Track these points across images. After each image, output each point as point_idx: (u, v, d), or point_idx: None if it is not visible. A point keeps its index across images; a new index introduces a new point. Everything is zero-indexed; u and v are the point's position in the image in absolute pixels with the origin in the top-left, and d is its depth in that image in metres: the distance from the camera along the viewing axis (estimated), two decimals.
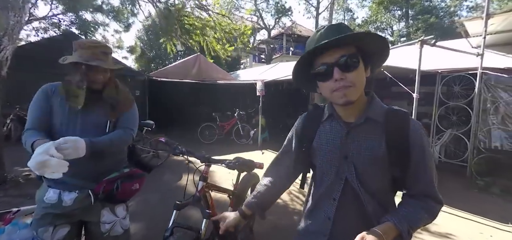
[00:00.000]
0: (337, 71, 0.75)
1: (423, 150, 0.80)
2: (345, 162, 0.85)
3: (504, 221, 2.94)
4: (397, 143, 0.79)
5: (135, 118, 1.48)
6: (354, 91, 0.77)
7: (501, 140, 4.20)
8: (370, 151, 0.82)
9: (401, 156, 0.80)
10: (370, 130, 0.83)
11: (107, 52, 1.31)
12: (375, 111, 0.84)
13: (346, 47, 0.76)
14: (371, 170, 0.82)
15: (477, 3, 18.44)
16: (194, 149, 1.57)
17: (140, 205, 3.10)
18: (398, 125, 0.81)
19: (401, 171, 0.82)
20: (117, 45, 10.84)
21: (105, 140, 1.27)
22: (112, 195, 1.32)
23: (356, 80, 0.77)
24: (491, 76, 4.24)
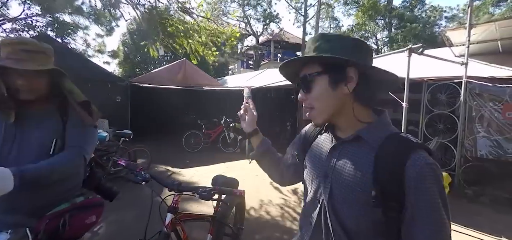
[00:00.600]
0: (300, 92, 0.74)
1: (422, 194, 0.57)
2: (324, 182, 0.71)
3: (496, 234, 2.88)
4: (386, 176, 0.60)
5: (90, 135, 1.21)
6: (315, 113, 0.72)
7: (486, 148, 4.22)
8: (352, 176, 0.65)
9: (389, 195, 0.59)
10: (358, 152, 0.68)
11: (33, 50, 1.04)
12: (371, 132, 0.67)
13: (310, 65, 0.71)
14: (349, 200, 0.65)
15: (454, 13, 19.41)
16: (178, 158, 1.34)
17: (110, 227, 2.78)
18: (393, 154, 0.61)
19: (392, 216, 0.60)
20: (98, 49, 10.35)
21: (42, 167, 1.01)
22: (57, 233, 1.07)
23: (315, 101, 0.71)
24: (475, 85, 4.28)
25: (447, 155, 5.09)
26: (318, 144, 0.82)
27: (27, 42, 1.07)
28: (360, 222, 0.64)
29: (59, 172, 1.07)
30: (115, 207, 3.04)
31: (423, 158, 0.59)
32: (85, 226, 1.17)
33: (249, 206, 3.37)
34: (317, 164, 0.77)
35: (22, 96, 1.05)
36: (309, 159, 0.83)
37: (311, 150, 0.84)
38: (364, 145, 0.67)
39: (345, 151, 0.70)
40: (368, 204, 0.61)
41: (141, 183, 1.24)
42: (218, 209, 1.70)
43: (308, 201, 0.79)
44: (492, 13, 16.19)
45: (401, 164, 0.59)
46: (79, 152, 1.12)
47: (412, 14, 19.34)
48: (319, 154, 0.79)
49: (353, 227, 0.65)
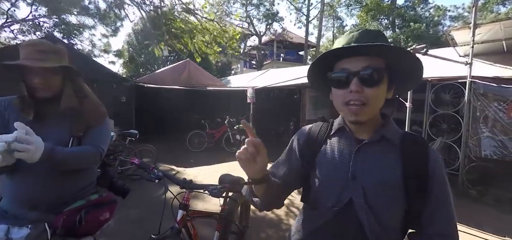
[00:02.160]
0: (356, 83, 0.65)
1: (445, 184, 0.70)
2: (353, 183, 0.71)
3: (501, 234, 2.88)
4: (415, 171, 0.68)
5: (105, 134, 1.27)
6: (367, 111, 0.68)
7: (490, 148, 4.21)
8: (383, 174, 0.69)
9: (419, 187, 0.68)
10: (385, 151, 0.71)
11: (47, 50, 1.09)
12: (391, 132, 0.73)
13: (374, 59, 0.66)
14: (383, 197, 0.69)
15: (459, 13, 19.24)
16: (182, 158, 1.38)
17: (119, 224, 2.84)
18: (416, 151, 0.70)
19: (418, 206, 0.68)
20: (104, 49, 10.46)
21: (68, 151, 1.08)
22: (74, 228, 1.12)
23: (373, 99, 0.67)
24: (479, 85, 4.27)
25: (451, 155, 5.08)
26: (332, 147, 0.79)
27: (42, 43, 1.13)
28: (393, 216, 0.70)
29: (80, 160, 1.13)
30: (124, 205, 3.11)
31: (436, 153, 0.71)
32: (99, 222, 1.23)
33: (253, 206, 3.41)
34: (339, 167, 0.75)
35: (39, 94, 1.10)
36: (325, 163, 0.78)
37: (325, 155, 0.79)
38: (387, 144, 0.72)
39: (371, 152, 0.72)
40: (400, 199, 0.68)
41: (155, 181, 1.29)
42: (225, 207, 1.74)
43: (326, 204, 0.75)
44: (498, 12, 16.04)
45: (425, 160, 0.68)
46: (97, 149, 1.17)
47: (416, 13, 19.21)
48: (339, 157, 0.76)
49: (387, 222, 0.70)
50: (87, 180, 1.26)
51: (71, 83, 1.16)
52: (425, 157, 0.69)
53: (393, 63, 0.68)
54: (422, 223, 0.71)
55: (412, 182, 0.67)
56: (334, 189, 0.74)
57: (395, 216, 0.71)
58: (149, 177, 1.29)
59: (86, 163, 1.18)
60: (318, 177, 0.79)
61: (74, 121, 1.15)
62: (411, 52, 0.64)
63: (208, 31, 4.86)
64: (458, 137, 4.60)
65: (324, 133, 0.83)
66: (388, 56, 0.67)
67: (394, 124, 0.76)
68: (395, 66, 0.68)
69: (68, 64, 1.15)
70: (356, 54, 0.66)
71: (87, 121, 1.19)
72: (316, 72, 0.77)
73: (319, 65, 0.74)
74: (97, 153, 1.18)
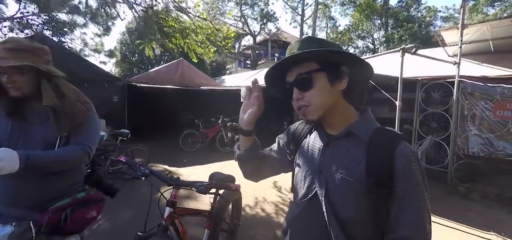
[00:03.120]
0: (295, 91, 0.74)
1: (412, 182, 0.65)
2: (319, 176, 0.75)
3: (486, 229, 2.96)
4: (379, 167, 0.66)
5: (93, 132, 1.24)
6: (312, 110, 0.74)
7: (477, 146, 4.32)
8: (346, 169, 0.71)
9: (382, 183, 0.66)
10: (351, 146, 0.73)
11: (17, 48, 1.06)
12: (361, 127, 0.74)
13: (305, 64, 0.72)
14: (344, 192, 0.70)
15: (450, 13, 19.59)
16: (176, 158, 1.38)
17: (109, 224, 2.82)
18: (383, 146, 0.68)
19: (383, 202, 0.67)
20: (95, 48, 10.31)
21: (49, 156, 1.06)
22: (59, 226, 1.11)
23: (312, 99, 0.73)
24: (467, 84, 4.37)
25: (441, 153, 5.19)
26: (309, 142, 0.85)
27: (13, 41, 1.10)
28: (356, 212, 0.69)
29: (64, 163, 1.11)
30: (114, 204, 3.09)
31: (407, 147, 0.68)
32: (86, 221, 1.22)
33: (245, 204, 3.42)
34: (310, 161, 0.80)
35: (11, 93, 1.08)
36: (301, 157, 0.85)
37: (302, 149, 0.86)
38: (355, 139, 0.73)
39: (338, 146, 0.75)
40: (363, 194, 0.68)
41: (141, 178, 1.28)
42: (215, 204, 1.75)
43: (300, 197, 0.81)
44: (486, 13, 16.39)
45: (391, 153, 0.66)
46: (83, 148, 1.16)
47: (408, 14, 19.50)
48: (311, 152, 0.82)
49: (349, 217, 0.70)
50: (74, 179, 1.24)
51: (47, 82, 1.12)
52: (391, 152, 0.66)
53: (327, 60, 0.72)
54: (390, 225, 0.68)
55: (374, 178, 0.66)
56: (306, 182, 0.80)
57: (358, 211, 0.69)
58: (135, 174, 1.29)
59: (72, 164, 1.16)
60: (297, 170, 0.87)
61: (56, 120, 1.12)
62: (329, 50, 0.69)
63: (202, 30, 4.84)
64: (447, 135, 4.70)
65: (306, 129, 0.90)
66: (318, 58, 0.72)
67: (369, 118, 0.77)
68: (331, 60, 0.72)
69: (45, 63, 1.12)
70: (291, 65, 0.75)
71: (69, 121, 1.15)
72: (276, 83, 0.84)
73: (274, 78, 0.83)
74: (84, 153, 1.16)
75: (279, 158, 0.95)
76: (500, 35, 4.59)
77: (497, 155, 4.09)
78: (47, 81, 1.12)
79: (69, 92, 1.18)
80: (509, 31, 4.38)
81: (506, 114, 4.04)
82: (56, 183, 1.15)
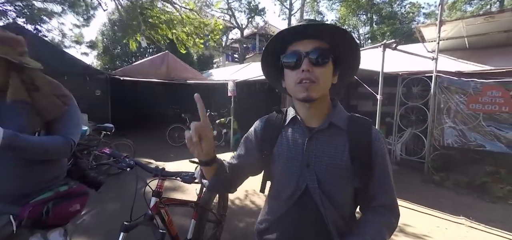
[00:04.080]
0: (307, 62, 0.71)
1: (385, 160, 0.78)
2: (307, 170, 0.77)
3: (456, 214, 3.19)
4: (360, 151, 0.76)
5: (73, 125, 1.21)
6: (317, 88, 0.73)
7: (452, 137, 4.59)
8: (333, 159, 0.76)
9: (364, 165, 0.76)
10: (333, 136, 0.78)
11: None
12: (338, 117, 0.80)
13: (321, 41, 0.73)
14: (334, 180, 0.77)
15: (432, 10, 20.27)
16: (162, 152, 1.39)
17: (96, 217, 2.79)
18: (360, 133, 0.78)
19: (364, 182, 0.77)
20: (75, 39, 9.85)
21: (33, 141, 1.04)
22: (41, 220, 1.11)
23: (321, 78, 0.73)
24: (444, 79, 4.60)
25: (419, 145, 5.46)
26: (287, 138, 0.83)
27: None
28: (345, 195, 0.79)
29: (45, 152, 1.08)
30: (101, 198, 3.04)
31: (377, 131, 0.79)
32: (69, 214, 1.21)
33: (234, 196, 3.47)
34: (293, 157, 0.80)
35: None
36: (282, 154, 0.82)
37: (281, 146, 0.83)
38: (335, 129, 0.78)
39: (321, 138, 0.78)
40: (349, 178, 0.76)
41: (126, 169, 1.29)
42: (201, 195, 1.78)
43: (289, 195, 0.80)
44: (465, 11, 17.11)
45: (368, 138, 0.77)
46: (66, 140, 1.13)
47: (392, 10, 19.99)
48: (293, 147, 0.81)
49: (340, 201, 0.77)
50: (55, 172, 1.23)
51: (18, 75, 1.08)
52: (368, 137, 0.77)
53: (337, 46, 0.75)
54: (369, 196, 0.79)
55: (358, 162, 0.75)
56: (292, 179, 0.80)
57: (346, 194, 0.79)
58: (120, 165, 1.29)
59: (55, 154, 1.14)
60: (277, 169, 0.84)
61: (27, 115, 1.08)
62: (351, 34, 0.73)
63: (189, 20, 4.75)
64: (425, 128, 4.95)
65: (279, 124, 0.87)
66: (333, 40, 0.74)
67: (341, 108, 0.83)
68: (338, 50, 0.75)
69: (18, 54, 1.08)
70: (306, 37, 0.73)
71: (43, 115, 1.12)
72: (268, 59, 0.82)
73: (272, 50, 0.79)
74: (67, 145, 1.14)
75: (250, 162, 0.89)
76: (474, 32, 4.85)
77: (469, 146, 4.37)
78: (17, 74, 1.07)
79: (44, 85, 1.14)
80: (482, 28, 4.64)
81: (478, 107, 4.31)
82: (37, 176, 1.14)
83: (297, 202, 0.79)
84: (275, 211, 0.84)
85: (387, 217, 0.77)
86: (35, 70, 1.15)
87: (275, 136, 0.86)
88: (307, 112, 0.81)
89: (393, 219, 0.79)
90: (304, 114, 0.82)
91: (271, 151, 0.85)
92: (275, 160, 0.84)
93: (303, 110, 0.81)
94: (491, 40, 5.01)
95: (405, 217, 3.09)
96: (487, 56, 4.99)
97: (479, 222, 3.00)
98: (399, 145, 5.52)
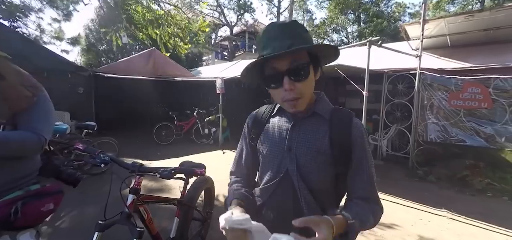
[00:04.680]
0: (287, 81, 0.71)
1: (364, 149, 0.79)
2: (288, 154, 0.81)
3: (438, 207, 3.29)
4: (340, 139, 0.78)
5: (43, 118, 1.13)
6: (303, 102, 0.76)
7: (435, 133, 4.73)
8: (313, 144, 0.79)
9: (344, 152, 0.78)
10: (315, 124, 0.81)
11: None
12: (322, 107, 0.83)
13: (299, 54, 0.72)
14: (313, 164, 0.78)
15: (416, 10, 20.86)
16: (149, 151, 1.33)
17: (75, 218, 2.68)
18: (341, 121, 0.80)
19: (343, 169, 0.79)
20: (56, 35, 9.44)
21: None
22: (9, 221, 1.04)
23: (305, 91, 0.75)
24: (427, 76, 4.73)
25: (404, 140, 5.60)
26: (273, 126, 0.88)
27: None
28: (324, 181, 0.80)
29: (11, 147, 1.01)
30: (80, 200, 2.94)
31: (358, 121, 0.81)
32: (40, 214, 1.14)
33: (221, 195, 3.43)
34: (277, 143, 0.84)
35: None
36: (267, 140, 0.88)
37: (267, 132, 0.89)
38: (318, 118, 0.82)
39: (304, 125, 0.82)
40: (329, 163, 0.78)
41: (101, 165, 1.23)
42: (185, 192, 1.74)
43: (269, 176, 0.85)
44: (448, 11, 17.70)
45: (348, 126, 0.78)
46: (35, 135, 1.06)
47: (379, 9, 20.42)
48: (278, 134, 0.85)
49: (318, 187, 0.79)
50: (26, 170, 1.15)
51: None
52: (349, 127, 0.79)
53: (316, 52, 0.76)
54: (349, 187, 0.81)
55: (338, 148, 0.77)
56: (275, 163, 0.84)
57: (325, 180, 0.80)
58: (94, 161, 1.23)
59: (22, 151, 1.06)
60: (263, 154, 0.89)
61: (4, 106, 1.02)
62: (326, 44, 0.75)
63: (174, 20, 4.64)
64: (410, 124, 5.08)
65: (267, 114, 0.93)
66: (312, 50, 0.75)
67: (326, 100, 0.86)
68: (318, 53, 0.77)
69: None
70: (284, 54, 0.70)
71: (7, 107, 1.04)
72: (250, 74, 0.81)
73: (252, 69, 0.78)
74: (36, 141, 1.07)
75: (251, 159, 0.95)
76: (456, 31, 5.00)
77: (451, 140, 4.52)
78: None
79: (10, 74, 1.06)
80: (463, 26, 4.79)
81: (459, 103, 4.46)
82: (3, 175, 1.06)
83: (279, 185, 0.82)
84: (261, 195, 0.88)
85: (372, 204, 0.79)
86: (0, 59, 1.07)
87: (263, 125, 0.91)
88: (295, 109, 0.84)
89: (376, 206, 0.80)
90: None
91: (258, 137, 0.90)
92: (261, 145, 0.89)
93: None
94: (472, 38, 5.19)
95: (390, 210, 3.15)
96: (468, 54, 5.17)
97: (460, 214, 3.10)
98: (385, 141, 5.64)
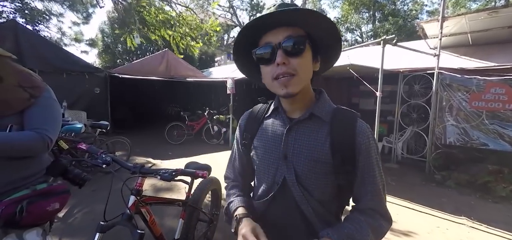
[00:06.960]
0: (280, 54, 0.63)
1: (369, 156, 0.70)
2: (284, 162, 0.73)
3: (458, 214, 3.10)
4: (342, 145, 0.69)
5: (47, 117, 1.14)
6: (296, 81, 0.66)
7: (454, 136, 4.48)
8: (312, 151, 0.70)
9: (346, 161, 0.69)
10: (314, 128, 0.72)
11: None
12: (321, 108, 0.73)
13: (294, 29, 0.65)
14: (313, 175, 0.70)
15: (435, 8, 20.00)
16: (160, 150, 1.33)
17: (84, 218, 2.74)
18: (344, 125, 0.71)
19: (347, 178, 0.70)
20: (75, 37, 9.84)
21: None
22: (14, 219, 1.06)
23: (300, 68, 0.65)
24: (446, 76, 4.50)
25: (420, 143, 5.36)
26: (267, 129, 0.80)
27: None
28: (325, 190, 0.72)
29: (14, 147, 1.02)
30: (91, 199, 3.01)
31: (364, 124, 0.71)
32: (46, 213, 1.16)
33: None
34: (272, 148, 0.76)
35: None
36: (261, 145, 0.80)
37: (261, 136, 0.81)
38: (317, 121, 0.72)
39: (301, 129, 0.73)
40: (331, 172, 0.70)
41: (102, 166, 1.23)
42: (190, 194, 1.73)
43: (264, 186, 0.79)
44: (470, 8, 16.84)
45: (352, 131, 0.69)
46: (39, 134, 1.07)
47: (395, 7, 19.76)
48: (272, 138, 0.77)
49: (319, 196, 0.71)
50: (31, 170, 1.18)
51: None
52: (352, 131, 0.69)
53: (313, 31, 0.67)
54: (354, 196, 0.74)
55: (339, 156, 0.68)
56: (270, 171, 0.76)
57: (327, 190, 0.72)
58: (95, 162, 1.24)
59: (25, 150, 1.07)
60: (257, 161, 0.81)
61: None
62: (325, 15, 0.64)
63: (185, 21, 4.69)
64: (427, 126, 4.85)
65: (261, 115, 0.84)
66: (307, 25, 0.66)
67: (326, 99, 0.77)
68: (315, 34, 0.68)
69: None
70: (277, 26, 0.65)
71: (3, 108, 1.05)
72: (242, 55, 0.74)
73: (243, 45, 0.71)
74: (39, 141, 1.08)
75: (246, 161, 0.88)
76: (477, 28, 4.73)
77: (472, 144, 4.26)
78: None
79: (8, 75, 1.06)
80: (485, 24, 4.52)
81: (481, 105, 4.20)
82: (9, 174, 1.08)
83: (276, 196, 0.75)
84: (258, 207, 0.81)
85: (376, 219, 0.70)
86: (2, 59, 1.08)
87: (256, 127, 0.83)
88: (290, 106, 0.76)
89: (382, 222, 0.71)
90: (287, 106, 0.77)
91: (251, 142, 0.82)
92: (254, 151, 0.81)
93: (285, 103, 0.77)
94: (495, 36, 4.88)
95: (405, 216, 3.01)
96: (491, 52, 4.87)
97: (481, 223, 2.91)
98: (400, 143, 5.42)
